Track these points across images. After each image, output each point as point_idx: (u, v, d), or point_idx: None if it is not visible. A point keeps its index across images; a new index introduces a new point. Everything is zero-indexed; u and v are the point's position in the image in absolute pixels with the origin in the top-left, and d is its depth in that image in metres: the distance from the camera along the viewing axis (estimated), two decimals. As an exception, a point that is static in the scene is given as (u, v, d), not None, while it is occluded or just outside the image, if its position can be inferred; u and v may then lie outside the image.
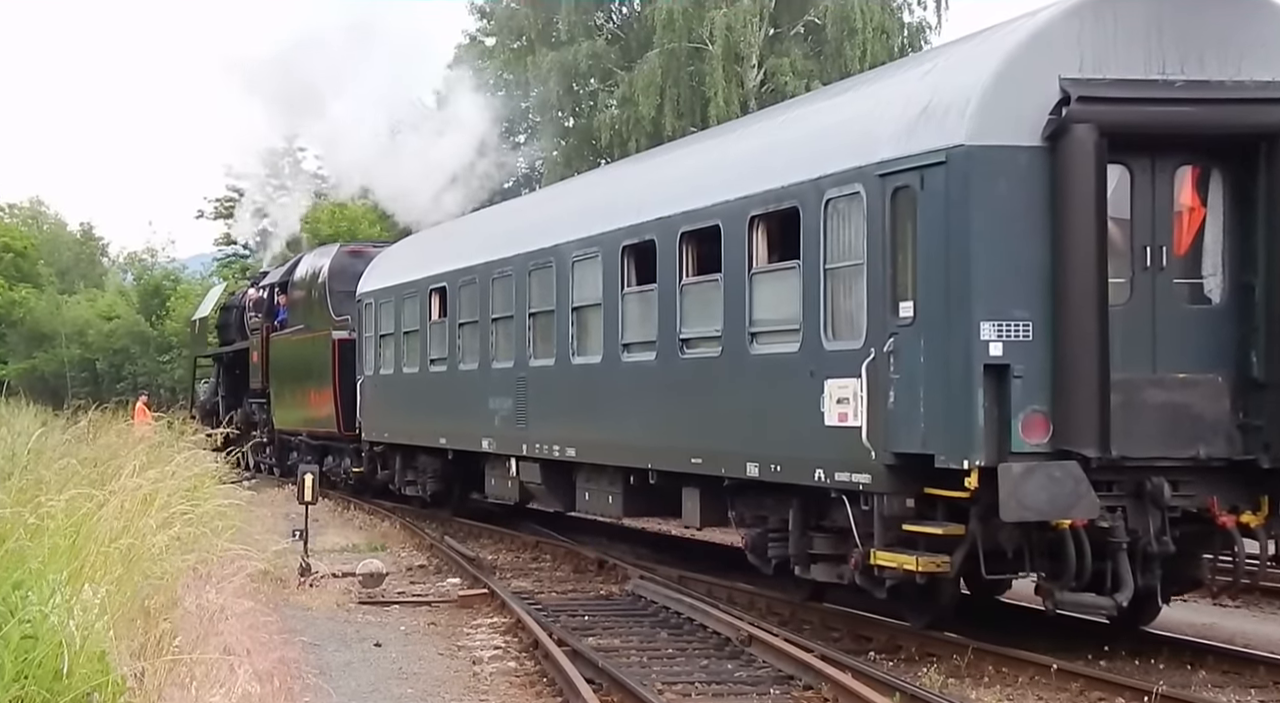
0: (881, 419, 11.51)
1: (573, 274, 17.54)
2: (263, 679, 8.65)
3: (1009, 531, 10.96)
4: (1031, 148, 10.92)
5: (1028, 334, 10.84)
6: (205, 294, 59.40)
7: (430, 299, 23.13)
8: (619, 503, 16.88)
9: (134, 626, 8.14)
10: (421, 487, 24.47)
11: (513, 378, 19.35)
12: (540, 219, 20.03)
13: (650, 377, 15.61)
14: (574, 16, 44.70)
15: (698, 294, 14.78)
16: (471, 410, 20.82)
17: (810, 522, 13.07)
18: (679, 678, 11.18)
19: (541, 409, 18.50)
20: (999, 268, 10.89)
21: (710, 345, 14.41)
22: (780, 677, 11.16)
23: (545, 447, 18.21)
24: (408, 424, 24.34)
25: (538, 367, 18.62)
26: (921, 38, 43.00)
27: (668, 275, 15.23)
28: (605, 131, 42.92)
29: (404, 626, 14.26)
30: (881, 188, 11.67)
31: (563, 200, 20.64)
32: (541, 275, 18.51)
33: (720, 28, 40.33)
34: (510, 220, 22.07)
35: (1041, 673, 10.95)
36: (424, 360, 23.35)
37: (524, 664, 12.03)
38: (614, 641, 12.89)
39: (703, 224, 14.50)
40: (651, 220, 15.60)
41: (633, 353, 16.09)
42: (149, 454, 13.07)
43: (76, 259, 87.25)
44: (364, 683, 11.18)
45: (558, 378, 18.01)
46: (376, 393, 26.08)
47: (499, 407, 19.78)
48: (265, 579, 14.46)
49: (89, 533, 8.76)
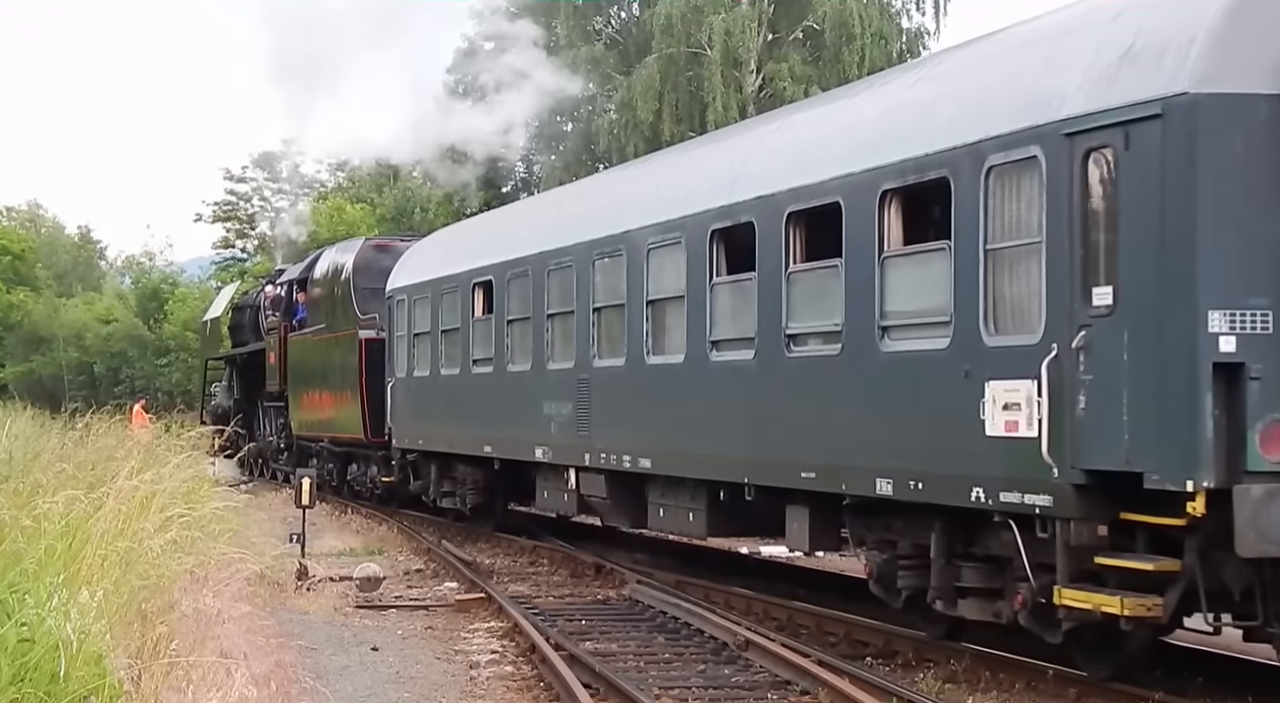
0: (1067, 430, 9.56)
1: (647, 263, 15.54)
2: (259, 683, 8.64)
3: (1237, 566, 9.00)
4: (1273, 97, 8.97)
5: (1267, 326, 8.92)
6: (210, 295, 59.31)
7: (473, 294, 20.95)
8: (702, 521, 14.93)
9: (131, 629, 8.15)
10: (460, 498, 22.43)
11: (573, 380, 17.33)
12: (607, 203, 17.81)
13: (746, 379, 13.60)
14: (572, 21, 44.74)
15: (810, 284, 12.76)
16: (523, 416, 18.85)
17: (956, 549, 11.12)
18: (676, 683, 11.19)
19: (608, 415, 16.51)
20: (1232, 245, 8.93)
21: (826, 342, 12.46)
22: (777, 682, 11.16)
23: (612, 457, 16.17)
24: (446, 431, 22.07)
25: (604, 368, 16.59)
26: (920, 43, 43.12)
27: (770, 262, 13.17)
28: (603, 136, 42.99)
29: (401, 630, 14.27)
30: (1068, 150, 9.69)
31: (633, 182, 17.97)
32: (609, 266, 16.53)
33: (719, 33, 40.54)
34: (569, 205, 19.76)
35: (1038, 679, 10.91)
36: (465, 361, 21.20)
37: (521, 669, 12.04)
38: (611, 645, 12.91)
39: (816, 202, 12.56)
40: (749, 200, 13.61)
41: (723, 351, 14.06)
42: (145, 457, 13.06)
43: (74, 262, 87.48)
44: (361, 687, 11.19)
45: (628, 380, 16.01)
46: (410, 397, 23.86)
47: (556, 412, 17.77)
48: (262, 583, 14.52)
49: (85, 536, 8.76)
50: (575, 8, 44.93)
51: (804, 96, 34.27)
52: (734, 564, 16.92)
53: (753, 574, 16.55)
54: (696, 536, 15.88)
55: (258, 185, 72.87)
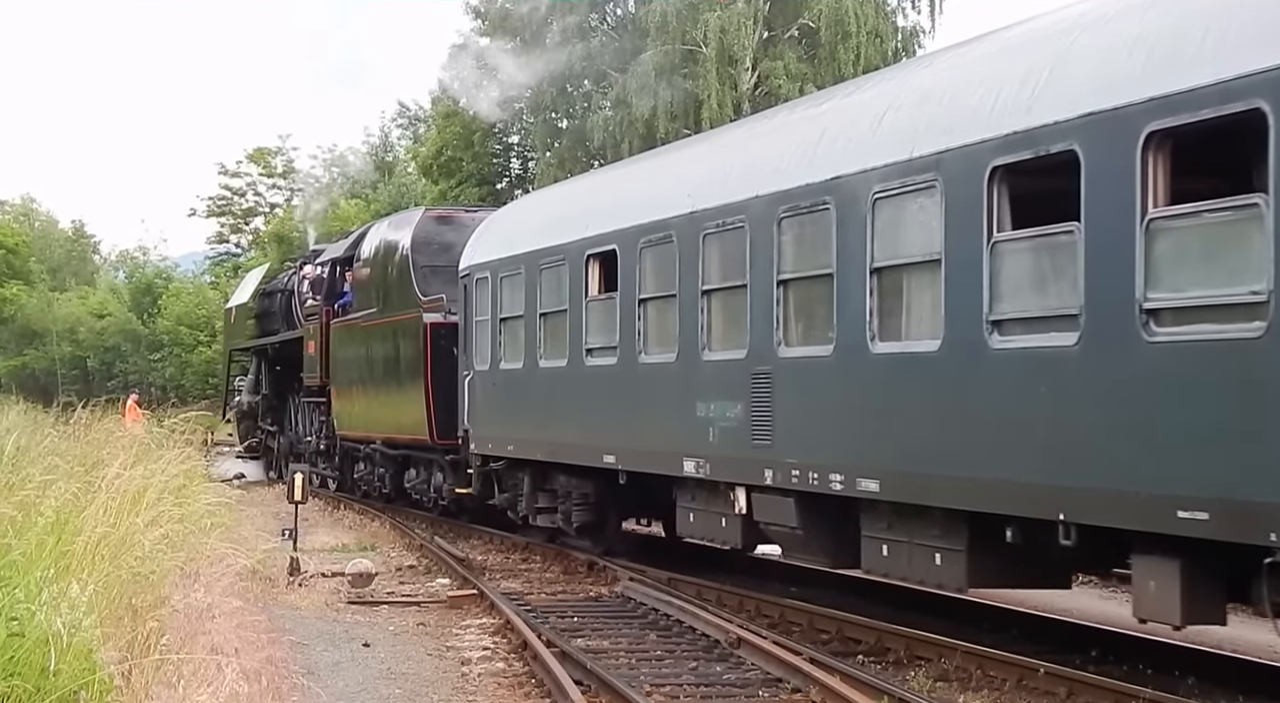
0: None
1: (872, 219, 11.52)
2: (250, 679, 8.62)
3: None
4: None
5: None
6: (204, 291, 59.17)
7: (587, 268, 16.73)
8: (959, 567, 11.08)
9: (121, 624, 8.14)
10: (563, 516, 18.22)
11: (744, 374, 13.40)
12: (800, 140, 13.11)
13: (1061, 374, 9.64)
14: (568, 18, 44.75)
15: (1185, 236, 8.76)
16: (664, 419, 14.99)
17: None
18: (667, 680, 11.16)
19: (803, 420, 12.66)
20: None
21: (1234, 319, 8.36)
22: (769, 679, 11.14)
23: (809, 475, 12.43)
24: (547, 435, 17.88)
25: (796, 358, 12.72)
26: (915, 42, 43.17)
27: (1101, 211, 9.22)
28: (598, 133, 43.02)
29: (393, 626, 14.24)
30: None
31: (841, 112, 13.00)
32: (806, 225, 12.55)
33: (714, 30, 40.58)
34: (734, 152, 14.65)
35: (1029, 676, 10.89)
36: (576, 350, 17.03)
37: (512, 665, 12.02)
38: (603, 642, 12.88)
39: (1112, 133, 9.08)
40: (1044, 126, 9.71)
41: (1010, 336, 10.17)
42: (137, 452, 13.05)
43: (68, 256, 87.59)
44: (352, 683, 11.16)
45: (835, 375, 12.18)
46: (495, 393, 19.59)
47: (717, 415, 13.91)
48: (254, 578, 14.50)
49: (76, 529, 8.75)
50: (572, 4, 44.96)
51: (799, 95, 34.21)
52: (726, 562, 16.91)
53: (745, 572, 16.54)
54: (950, 586, 11.60)
55: (252, 180, 72.91)
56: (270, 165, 72.11)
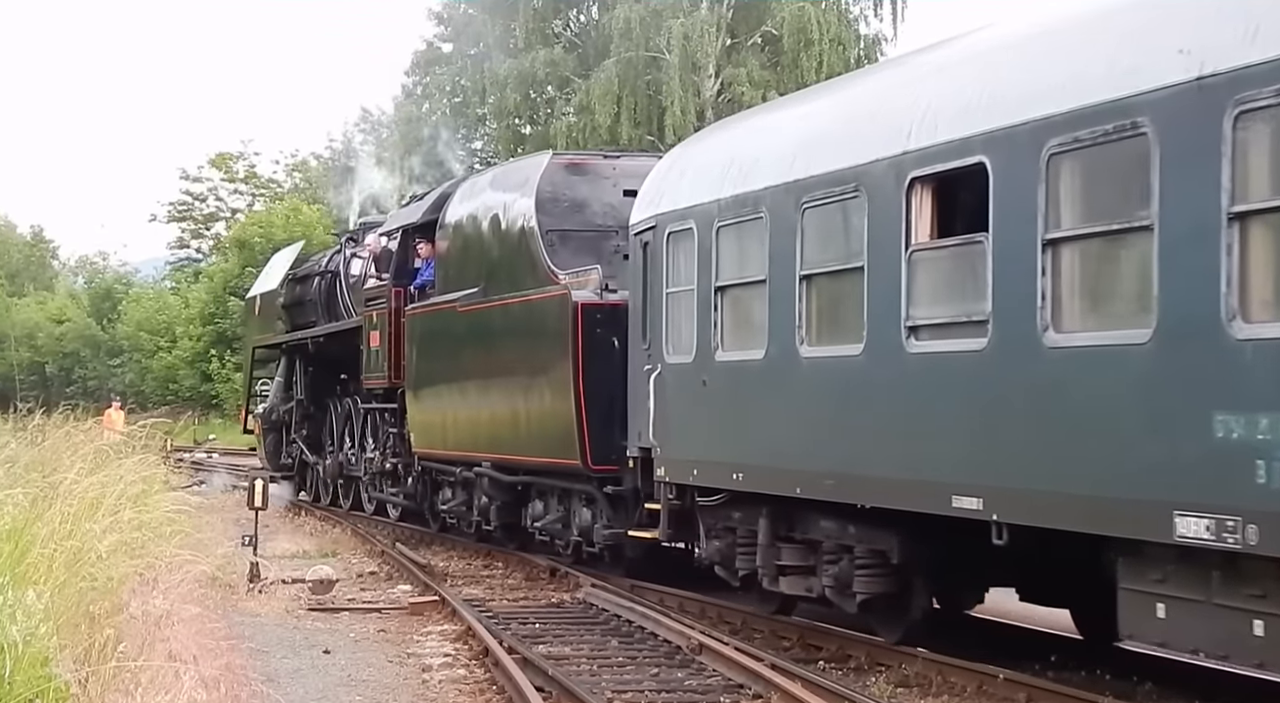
0: None
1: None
2: (209, 686, 8.58)
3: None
4: None
5: None
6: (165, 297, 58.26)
7: (909, 200, 10.64)
8: None
9: (78, 631, 8.07)
10: (833, 582, 12.11)
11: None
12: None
13: None
14: (532, 24, 44.80)
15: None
16: (1113, 442, 8.77)
17: None
18: (629, 687, 11.16)
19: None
20: None
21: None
22: (730, 686, 11.16)
23: None
24: (813, 459, 11.86)
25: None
26: (878, 49, 43.37)
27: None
28: (561, 139, 43.05)
29: (354, 632, 14.19)
30: None
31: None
32: None
33: (678, 37, 40.69)
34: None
35: (989, 683, 10.94)
36: (884, 330, 10.85)
37: (474, 672, 11.98)
38: (564, 649, 12.87)
39: None
40: None
41: None
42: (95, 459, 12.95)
43: (26, 262, 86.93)
44: (312, 690, 11.11)
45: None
46: (705, 396, 13.57)
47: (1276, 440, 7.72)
48: (213, 585, 14.42)
49: (32, 537, 8.68)
50: (534, 10, 44.96)
51: (761, 102, 34.34)
52: (688, 568, 16.91)
53: (707, 579, 16.56)
54: None
55: (214, 185, 72.60)
56: (232, 170, 71.84)
